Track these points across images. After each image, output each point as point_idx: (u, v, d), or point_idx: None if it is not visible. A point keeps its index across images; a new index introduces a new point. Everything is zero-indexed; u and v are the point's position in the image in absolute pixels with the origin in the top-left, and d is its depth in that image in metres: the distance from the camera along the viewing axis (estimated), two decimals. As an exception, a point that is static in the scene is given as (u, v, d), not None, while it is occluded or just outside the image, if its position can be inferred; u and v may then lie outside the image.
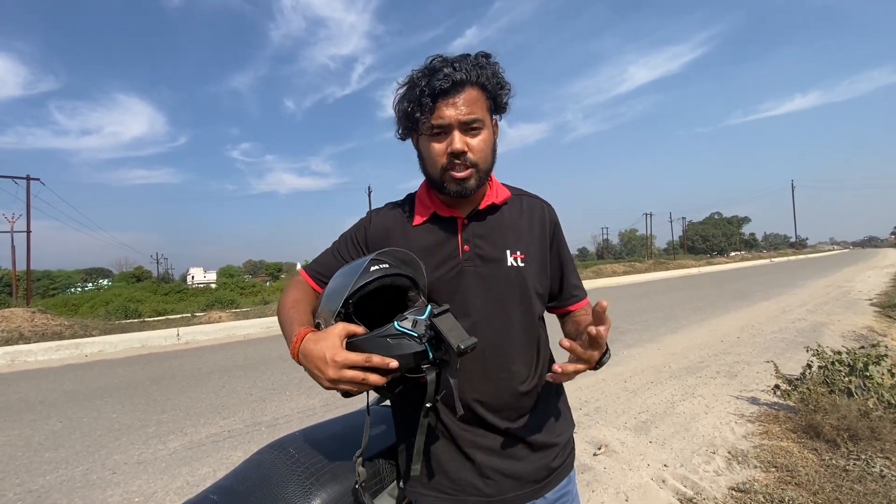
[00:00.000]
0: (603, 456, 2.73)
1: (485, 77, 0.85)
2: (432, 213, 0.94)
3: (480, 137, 0.85)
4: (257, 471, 0.89)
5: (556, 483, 0.93)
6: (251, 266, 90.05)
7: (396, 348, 0.70)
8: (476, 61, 0.85)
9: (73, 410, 4.17)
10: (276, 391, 4.45)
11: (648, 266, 29.22)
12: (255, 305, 15.08)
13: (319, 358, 0.70)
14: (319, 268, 0.98)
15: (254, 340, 8.01)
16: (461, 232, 0.92)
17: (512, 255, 0.91)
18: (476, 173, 0.86)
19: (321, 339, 0.72)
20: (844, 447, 2.54)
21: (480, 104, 0.85)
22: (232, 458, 2.96)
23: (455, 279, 0.89)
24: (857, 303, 8.96)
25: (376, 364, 0.68)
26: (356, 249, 0.97)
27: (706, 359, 4.97)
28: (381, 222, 0.97)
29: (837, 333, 6.05)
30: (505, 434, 0.89)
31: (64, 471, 2.90)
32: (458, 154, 0.83)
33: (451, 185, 0.86)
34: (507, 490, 0.87)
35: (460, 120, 0.82)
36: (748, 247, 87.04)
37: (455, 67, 0.82)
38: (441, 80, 0.81)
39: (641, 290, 14.12)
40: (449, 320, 0.72)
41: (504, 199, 0.95)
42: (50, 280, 52.87)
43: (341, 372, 0.68)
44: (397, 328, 0.70)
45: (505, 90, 0.89)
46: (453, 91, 0.82)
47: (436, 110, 0.82)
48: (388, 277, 0.77)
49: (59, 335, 8.47)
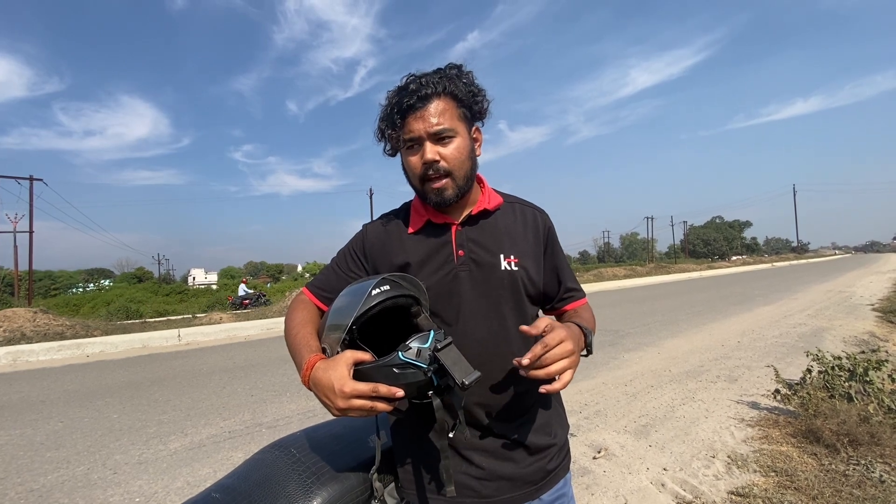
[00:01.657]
0: (603, 459, 2.73)
1: (453, 87, 0.88)
2: (426, 220, 0.96)
3: (453, 146, 0.88)
4: (259, 470, 0.90)
5: (553, 484, 0.94)
6: (252, 267, 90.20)
7: (402, 378, 0.71)
8: (445, 73, 0.89)
9: (75, 410, 4.18)
10: (276, 392, 4.46)
11: (649, 270, 29.19)
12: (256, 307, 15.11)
13: (328, 388, 0.71)
14: (321, 284, 1.00)
15: (254, 342, 8.02)
16: (455, 237, 0.94)
17: (506, 259, 0.93)
18: (452, 182, 0.89)
19: (330, 367, 0.73)
20: (844, 452, 2.53)
21: (450, 114, 0.88)
22: (232, 458, 2.97)
23: (451, 283, 0.91)
24: (859, 308, 8.95)
25: (383, 394, 0.69)
26: (355, 263, 0.99)
27: (706, 363, 4.97)
28: (377, 234, 1.00)
29: (838, 338, 6.04)
30: (502, 436, 0.90)
31: (65, 470, 2.91)
32: (431, 164, 0.87)
33: (431, 195, 0.90)
34: (504, 491, 0.89)
35: (429, 132, 0.86)
36: (750, 251, 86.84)
37: (422, 83, 0.86)
38: (407, 96, 0.86)
39: (642, 294, 14.10)
40: (452, 353, 0.72)
41: (496, 205, 0.98)
42: (52, 280, 52.99)
43: (350, 402, 0.70)
44: (402, 358, 0.71)
45: (479, 97, 0.92)
46: (420, 105, 0.86)
47: (405, 125, 0.87)
48: (390, 300, 0.79)
49: (61, 335, 8.49)
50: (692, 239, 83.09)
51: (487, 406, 0.90)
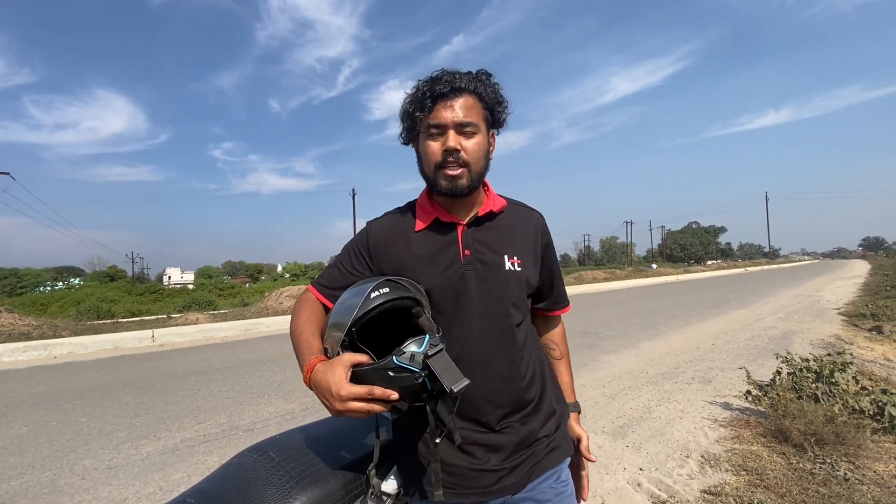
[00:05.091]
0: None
1: (483, 88, 0.93)
2: (434, 218, 0.99)
3: (474, 140, 0.92)
4: (236, 474, 0.88)
5: (551, 469, 0.97)
6: (230, 267, 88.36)
7: (396, 381, 0.73)
8: (476, 75, 0.94)
9: (41, 414, 4.02)
10: (254, 394, 4.38)
11: (628, 273, 29.74)
12: (234, 307, 14.82)
13: (326, 390, 0.74)
14: (325, 282, 1.02)
15: (231, 343, 7.86)
16: (462, 237, 0.97)
17: (510, 260, 0.97)
18: (468, 173, 0.92)
19: (328, 370, 0.75)
20: (811, 451, 2.63)
21: (476, 111, 0.92)
22: (207, 463, 2.90)
23: (457, 282, 0.94)
24: (826, 312, 9.29)
25: (378, 396, 0.72)
26: (359, 261, 1.01)
27: (682, 365, 5.09)
28: (382, 230, 1.02)
29: (806, 341, 6.27)
30: (504, 428, 0.93)
31: (30, 476, 2.80)
32: (452, 151, 0.90)
33: (444, 182, 0.92)
34: (504, 480, 0.92)
35: (455, 121, 0.90)
36: (724, 256, 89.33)
37: (455, 76, 0.91)
38: (441, 84, 0.90)
39: (621, 297, 14.35)
40: (443, 360, 0.75)
41: (501, 208, 1.02)
42: (17, 278, 50.81)
43: (347, 404, 0.72)
44: (396, 363, 0.73)
45: (502, 106, 0.97)
46: (451, 95, 0.90)
47: (434, 111, 0.90)
48: (388, 303, 0.81)
49: (27, 335, 8.16)
50: (669, 243, 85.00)
51: (494, 400, 0.93)
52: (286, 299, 12.18)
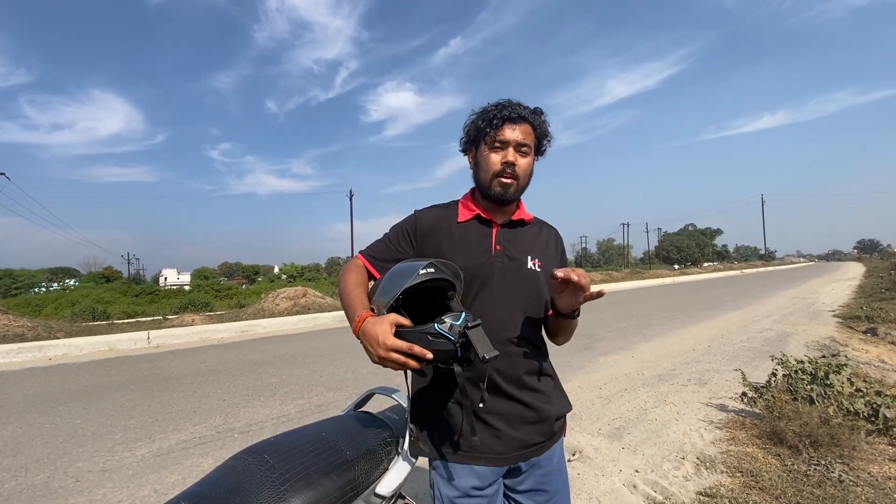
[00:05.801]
0: (577, 462, 2.77)
1: (537, 121, 1.13)
2: (476, 215, 1.16)
3: (527, 160, 1.12)
4: (231, 476, 0.88)
5: (552, 445, 1.15)
6: (227, 268, 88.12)
7: (434, 344, 0.85)
8: (534, 110, 1.13)
9: (34, 416, 3.99)
10: (249, 397, 4.36)
11: (625, 275, 29.80)
12: (231, 308, 14.75)
13: (374, 339, 0.86)
14: (374, 253, 1.17)
15: (228, 344, 7.83)
16: (496, 235, 1.15)
17: (532, 261, 1.15)
18: (517, 185, 1.11)
19: (377, 323, 0.88)
20: (806, 453, 2.64)
21: (531, 137, 1.12)
22: (202, 465, 2.89)
23: (487, 271, 1.11)
24: (821, 314, 9.34)
25: (416, 353, 0.84)
26: (406, 241, 1.17)
27: (678, 367, 5.10)
28: (429, 219, 1.18)
29: (802, 343, 6.30)
30: (518, 402, 1.09)
31: (23, 479, 2.78)
32: (510, 164, 1.09)
33: (497, 188, 1.10)
34: (514, 449, 1.07)
35: (516, 141, 1.09)
36: (720, 258, 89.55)
37: (520, 106, 1.11)
38: (510, 110, 1.09)
39: (617, 299, 14.37)
40: (479, 332, 0.87)
41: (529, 220, 1.22)
42: (12, 279, 50.45)
43: (388, 353, 0.84)
44: (436, 329, 0.85)
45: (548, 139, 1.17)
46: (517, 120, 1.09)
47: (501, 130, 1.09)
48: (433, 281, 0.93)
49: (21, 336, 8.11)
50: (666, 245, 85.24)
51: (509, 375, 1.08)
52: (283, 301, 12.12)
